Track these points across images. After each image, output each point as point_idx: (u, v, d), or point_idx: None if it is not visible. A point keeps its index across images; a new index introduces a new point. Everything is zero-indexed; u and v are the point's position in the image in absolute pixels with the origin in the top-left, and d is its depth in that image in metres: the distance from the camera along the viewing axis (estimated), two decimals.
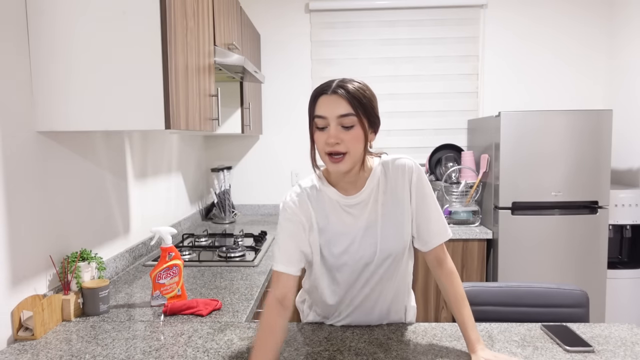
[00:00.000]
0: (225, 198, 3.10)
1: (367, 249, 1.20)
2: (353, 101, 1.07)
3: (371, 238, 1.20)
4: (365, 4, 3.21)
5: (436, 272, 1.24)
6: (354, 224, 1.20)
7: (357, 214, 1.20)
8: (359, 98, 1.07)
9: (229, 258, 2.11)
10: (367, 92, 1.10)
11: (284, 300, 1.15)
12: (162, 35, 1.36)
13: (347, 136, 1.08)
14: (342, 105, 1.07)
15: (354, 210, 1.20)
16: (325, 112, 1.08)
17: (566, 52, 3.24)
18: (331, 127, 1.08)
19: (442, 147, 3.21)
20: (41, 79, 1.38)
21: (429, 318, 2.80)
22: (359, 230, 1.20)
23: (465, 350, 1.18)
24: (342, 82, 1.09)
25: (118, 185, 1.97)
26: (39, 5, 1.36)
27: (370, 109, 1.10)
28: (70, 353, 1.21)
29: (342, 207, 1.20)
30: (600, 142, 2.61)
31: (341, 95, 1.07)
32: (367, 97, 1.09)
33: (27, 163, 1.38)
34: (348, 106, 1.07)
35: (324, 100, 1.09)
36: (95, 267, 1.55)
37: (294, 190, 1.23)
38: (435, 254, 1.23)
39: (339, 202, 1.20)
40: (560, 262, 2.66)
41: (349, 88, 1.08)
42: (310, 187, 1.22)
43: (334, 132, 1.08)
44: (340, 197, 1.19)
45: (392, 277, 1.26)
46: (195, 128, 1.66)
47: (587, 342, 1.21)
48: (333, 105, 1.07)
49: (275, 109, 3.36)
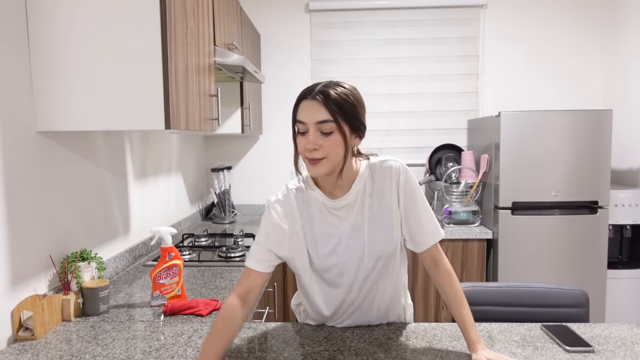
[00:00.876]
0: (225, 198, 3.10)
1: (354, 251, 1.20)
2: (332, 107, 1.05)
3: (358, 240, 1.19)
4: (365, 4, 3.21)
5: (433, 273, 1.23)
6: (340, 226, 1.20)
7: (343, 216, 1.20)
8: (340, 104, 1.06)
9: (229, 258, 2.11)
10: (351, 98, 1.08)
11: (247, 296, 1.16)
12: (162, 35, 1.36)
13: (326, 142, 1.07)
14: (321, 111, 1.06)
15: (340, 212, 1.20)
16: (304, 117, 1.08)
17: (566, 52, 3.24)
18: (310, 132, 1.07)
19: (442, 147, 3.21)
20: (41, 79, 1.38)
21: (429, 318, 2.80)
22: (344, 231, 1.20)
23: (465, 351, 1.18)
24: (324, 87, 1.08)
25: (118, 185, 1.97)
26: (39, 6, 1.36)
27: (352, 114, 1.08)
28: (70, 353, 1.21)
29: (328, 209, 1.20)
30: (600, 142, 2.61)
31: (320, 101, 1.06)
32: (350, 102, 1.08)
33: (27, 163, 1.38)
34: (327, 113, 1.06)
35: (304, 105, 1.09)
36: (95, 267, 1.55)
37: (281, 191, 1.23)
38: (430, 254, 1.23)
39: (325, 204, 1.20)
40: (560, 262, 2.66)
41: (330, 94, 1.06)
42: (297, 189, 1.23)
43: (312, 139, 1.07)
44: (326, 199, 1.19)
45: (385, 278, 1.25)
46: (195, 128, 1.66)
47: (587, 342, 1.21)
48: (312, 110, 1.07)
49: (275, 109, 3.36)
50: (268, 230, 1.20)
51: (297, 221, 1.20)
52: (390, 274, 1.25)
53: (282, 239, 1.20)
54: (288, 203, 1.21)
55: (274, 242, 1.20)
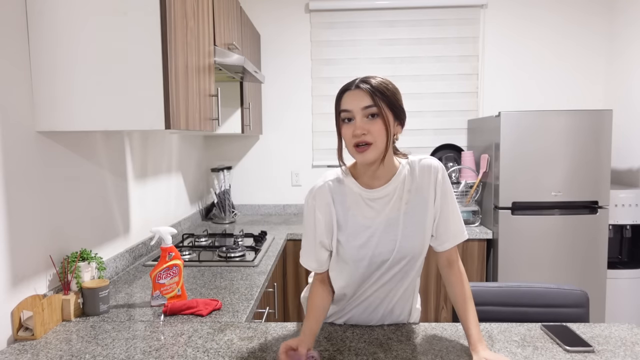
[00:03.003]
0: (225, 198, 3.10)
1: (386, 245, 1.21)
2: (375, 94, 1.11)
3: (391, 234, 1.21)
4: (365, 4, 3.21)
5: (445, 272, 1.25)
6: (375, 218, 1.21)
7: (378, 208, 1.21)
8: (382, 91, 1.12)
9: (229, 258, 2.11)
10: (390, 86, 1.15)
11: (324, 280, 1.29)
12: (162, 35, 1.36)
13: (373, 127, 1.11)
14: (366, 98, 1.12)
15: (376, 204, 1.21)
16: (350, 105, 1.13)
17: (566, 52, 3.24)
18: (357, 119, 1.13)
19: (442, 147, 3.21)
20: (41, 78, 1.38)
21: (429, 318, 2.80)
22: (379, 224, 1.21)
23: (465, 351, 1.18)
24: (364, 78, 1.15)
25: (118, 185, 1.97)
26: (39, 6, 1.36)
27: (394, 100, 1.14)
28: (70, 353, 1.21)
29: (364, 200, 1.22)
30: (600, 142, 2.61)
31: (363, 89, 1.12)
32: (390, 89, 1.14)
33: (27, 163, 1.38)
34: (370, 99, 1.11)
35: (348, 95, 1.14)
36: (95, 267, 1.55)
37: (317, 184, 1.26)
38: (448, 254, 1.25)
39: (361, 194, 1.22)
40: (560, 262, 2.66)
41: (372, 82, 1.13)
42: (333, 180, 1.25)
43: (360, 124, 1.12)
44: (363, 190, 1.21)
45: (403, 278, 1.26)
46: (195, 128, 1.66)
47: (587, 342, 1.21)
48: (357, 98, 1.12)
49: (275, 109, 3.36)
50: (309, 222, 1.26)
51: (331, 213, 1.23)
52: (409, 274, 1.27)
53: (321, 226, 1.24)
54: (323, 195, 1.24)
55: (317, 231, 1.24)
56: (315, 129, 3.34)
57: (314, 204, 1.24)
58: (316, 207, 1.23)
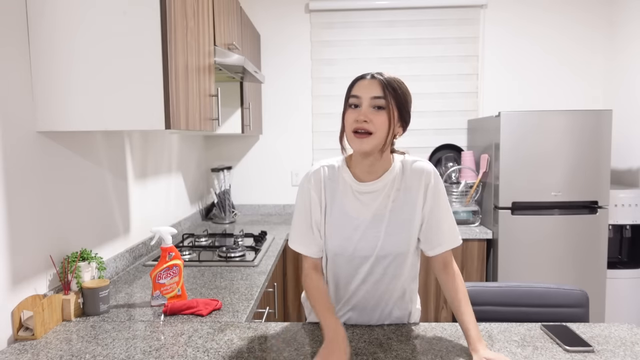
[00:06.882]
0: (225, 198, 3.10)
1: (368, 241, 1.22)
2: (387, 87, 1.13)
3: (375, 231, 1.22)
4: (365, 4, 3.21)
5: (441, 275, 1.26)
6: (361, 212, 1.22)
7: (366, 202, 1.22)
8: (394, 87, 1.14)
9: (229, 258, 2.11)
10: (403, 86, 1.17)
11: (317, 267, 1.29)
12: (162, 35, 1.36)
13: (376, 118, 1.13)
14: (377, 88, 1.13)
15: (365, 197, 1.22)
16: (360, 92, 1.15)
17: (566, 52, 3.24)
18: (363, 106, 1.14)
19: (442, 147, 3.21)
20: (41, 79, 1.38)
21: (429, 318, 2.80)
22: (364, 219, 1.22)
23: (465, 351, 1.18)
24: (381, 72, 1.17)
25: (118, 185, 1.97)
26: (39, 6, 1.36)
27: (403, 100, 1.15)
28: (70, 353, 1.21)
29: (354, 192, 1.23)
30: (600, 142, 2.61)
31: (377, 79, 1.14)
32: (402, 89, 1.16)
33: (27, 163, 1.38)
34: (381, 90, 1.13)
35: (361, 82, 1.16)
36: (96, 267, 1.56)
37: (314, 167, 1.28)
38: (442, 258, 1.26)
39: (352, 186, 1.23)
40: (560, 262, 2.66)
41: (385, 76, 1.15)
42: (329, 167, 1.27)
43: (365, 111, 1.13)
44: (354, 181, 1.23)
45: (394, 280, 1.26)
46: (195, 128, 1.66)
47: (587, 342, 1.21)
48: (369, 86, 1.14)
49: (275, 109, 3.36)
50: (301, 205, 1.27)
51: (322, 197, 1.25)
52: (399, 275, 1.27)
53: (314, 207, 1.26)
54: (317, 179, 1.26)
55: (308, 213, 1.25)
56: (315, 129, 3.34)
57: (309, 186, 1.25)
58: (311, 188, 1.25)
